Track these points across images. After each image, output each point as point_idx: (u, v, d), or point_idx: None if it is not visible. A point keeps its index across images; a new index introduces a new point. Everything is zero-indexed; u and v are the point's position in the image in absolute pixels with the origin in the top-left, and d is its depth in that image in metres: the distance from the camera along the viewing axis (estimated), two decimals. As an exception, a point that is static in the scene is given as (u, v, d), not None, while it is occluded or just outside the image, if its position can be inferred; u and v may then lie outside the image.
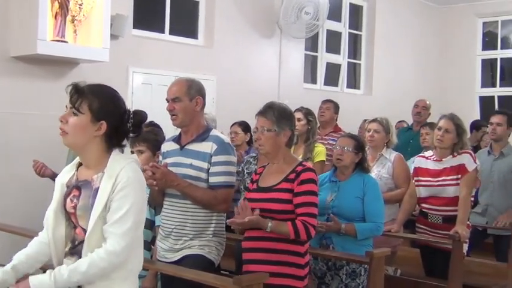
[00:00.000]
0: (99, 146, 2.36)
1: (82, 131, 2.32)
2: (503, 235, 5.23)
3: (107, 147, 2.37)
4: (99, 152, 2.36)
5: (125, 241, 2.25)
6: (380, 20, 9.47)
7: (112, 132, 2.36)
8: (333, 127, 6.32)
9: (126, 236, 2.26)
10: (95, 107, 2.32)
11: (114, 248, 2.23)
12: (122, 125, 2.38)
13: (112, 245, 2.23)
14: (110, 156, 2.35)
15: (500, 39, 10.51)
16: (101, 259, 2.22)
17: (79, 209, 2.33)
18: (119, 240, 2.24)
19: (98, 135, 2.34)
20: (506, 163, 5.45)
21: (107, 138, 2.36)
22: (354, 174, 4.09)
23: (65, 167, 2.52)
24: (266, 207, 3.19)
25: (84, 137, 2.33)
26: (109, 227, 2.26)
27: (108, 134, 2.35)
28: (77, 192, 2.35)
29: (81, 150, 2.38)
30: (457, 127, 4.56)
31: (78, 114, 2.31)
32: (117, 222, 2.25)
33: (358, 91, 9.48)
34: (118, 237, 2.24)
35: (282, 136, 3.29)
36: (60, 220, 2.39)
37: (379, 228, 4.00)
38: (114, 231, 2.24)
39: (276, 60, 7.93)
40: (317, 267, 3.99)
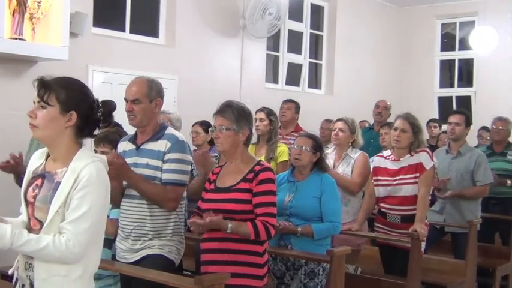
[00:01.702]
0: (69, 139, 2.35)
1: (52, 123, 2.30)
2: (460, 233, 5.33)
3: (77, 139, 2.36)
4: (69, 145, 2.35)
5: (81, 241, 2.23)
6: (341, 21, 9.54)
7: (83, 122, 2.35)
8: (294, 127, 6.35)
9: (83, 236, 2.23)
10: (63, 98, 2.31)
11: (72, 245, 2.21)
12: (92, 114, 2.37)
13: (70, 242, 2.21)
14: (77, 153, 2.33)
15: (458, 41, 10.70)
16: (58, 249, 2.20)
17: (38, 200, 2.31)
18: (75, 239, 2.22)
19: (68, 126, 2.33)
20: (464, 162, 5.55)
21: (78, 130, 2.35)
22: (311, 174, 4.11)
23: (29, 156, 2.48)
24: (224, 207, 3.18)
25: (54, 129, 2.31)
26: (66, 225, 2.23)
27: (78, 124, 2.34)
28: (40, 182, 2.34)
29: (52, 143, 2.36)
30: (412, 126, 4.63)
31: (47, 107, 2.30)
32: (75, 221, 2.22)
33: (320, 91, 9.54)
34: (75, 236, 2.22)
35: (240, 135, 3.28)
36: (24, 207, 2.39)
37: (336, 228, 4.02)
38: (72, 230, 2.22)
39: (237, 60, 7.93)
40: (276, 267, 4.00)
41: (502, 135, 6.35)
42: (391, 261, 4.69)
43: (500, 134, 6.35)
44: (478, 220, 5.28)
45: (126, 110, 3.45)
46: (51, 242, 2.21)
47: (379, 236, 4.77)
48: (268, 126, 5.45)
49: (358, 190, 4.91)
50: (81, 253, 2.25)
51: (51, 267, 2.26)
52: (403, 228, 4.53)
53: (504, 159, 6.27)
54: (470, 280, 5.07)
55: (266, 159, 5.27)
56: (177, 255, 3.47)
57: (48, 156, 2.42)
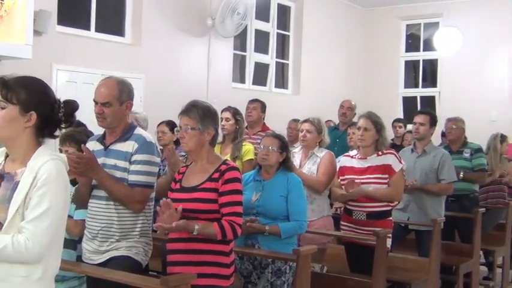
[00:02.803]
0: (29, 139, 2.31)
1: (11, 124, 2.27)
2: (424, 230, 5.40)
3: (37, 139, 2.33)
4: (28, 145, 2.31)
5: (41, 240, 2.20)
6: (307, 21, 9.60)
7: (43, 122, 2.32)
8: (260, 126, 6.37)
9: (43, 236, 2.20)
10: (23, 98, 2.27)
11: (31, 245, 2.18)
12: (53, 115, 2.34)
13: (30, 242, 2.18)
14: (36, 151, 2.30)
15: (422, 42, 10.85)
16: (17, 250, 2.16)
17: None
18: (34, 239, 2.18)
19: (28, 126, 2.29)
20: (428, 161, 5.62)
21: (38, 130, 2.32)
22: (278, 173, 4.13)
23: None
24: (190, 207, 3.17)
25: (14, 130, 2.28)
26: (26, 224, 2.19)
27: (38, 125, 2.31)
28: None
29: (11, 143, 2.32)
30: (375, 124, 4.70)
31: (6, 107, 2.26)
32: (34, 220, 2.19)
33: (286, 91, 9.58)
34: (35, 236, 2.18)
35: (205, 135, 3.27)
36: None
37: (303, 226, 4.06)
38: (31, 229, 2.19)
39: (204, 60, 7.92)
40: (243, 266, 4.01)
41: (455, 134, 6.46)
42: (356, 259, 4.73)
43: (453, 133, 6.47)
44: (441, 218, 5.35)
45: (96, 112, 3.40)
46: (10, 242, 2.17)
47: (344, 235, 4.81)
48: (234, 126, 5.46)
49: (323, 189, 4.94)
50: (41, 253, 2.22)
51: (11, 267, 2.22)
52: (367, 225, 4.59)
53: (461, 157, 6.37)
54: (434, 277, 5.14)
55: (231, 158, 5.28)
56: (145, 257, 3.45)
57: (7, 156, 2.39)
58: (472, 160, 6.35)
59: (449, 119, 6.58)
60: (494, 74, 9.78)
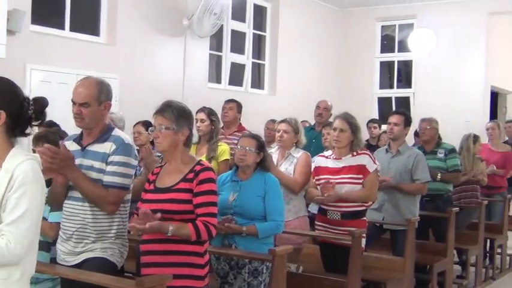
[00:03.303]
0: (1, 140, 2.29)
1: None
2: (398, 230, 5.44)
3: (9, 138, 2.31)
4: (1, 146, 2.29)
5: (23, 242, 2.19)
6: (283, 22, 9.62)
7: (13, 121, 2.30)
8: (236, 127, 6.38)
9: (24, 237, 2.19)
10: None
11: (13, 247, 2.16)
12: (23, 113, 2.32)
13: (11, 244, 2.16)
14: (10, 152, 2.28)
15: (397, 43, 10.94)
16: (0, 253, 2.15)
17: None
18: (16, 241, 2.17)
19: None
20: (402, 161, 5.67)
21: (8, 129, 2.30)
22: (255, 174, 4.15)
23: None
24: (164, 208, 3.15)
25: None
26: (6, 227, 2.17)
27: (8, 123, 2.29)
28: None
29: None
30: (350, 125, 4.73)
31: None
32: (15, 222, 2.17)
33: (263, 91, 9.60)
34: (16, 238, 2.17)
35: (180, 135, 3.26)
36: None
37: (280, 226, 4.09)
38: (13, 231, 2.17)
39: (180, 60, 7.89)
40: (219, 266, 4.01)
41: (429, 134, 6.54)
42: (331, 259, 4.76)
43: (426, 134, 6.54)
44: (416, 218, 5.40)
45: (74, 112, 3.36)
46: None
47: (320, 235, 4.83)
48: (210, 127, 5.46)
49: (299, 189, 4.96)
50: (22, 254, 2.21)
51: None
52: (342, 225, 4.62)
53: (435, 157, 6.44)
54: (409, 276, 5.19)
55: (207, 159, 5.28)
56: (120, 258, 3.43)
57: None
58: (447, 161, 6.43)
59: (423, 119, 6.65)
60: (468, 75, 9.90)
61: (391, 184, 5.51)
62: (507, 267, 8.03)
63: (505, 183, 8.27)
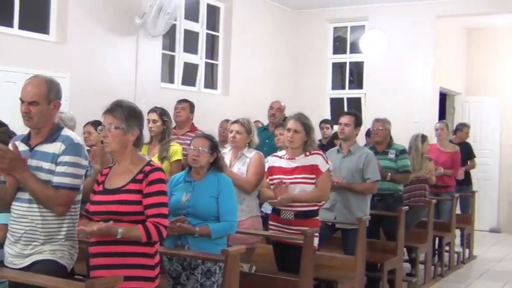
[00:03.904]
0: None
1: None
2: (350, 229, 5.51)
3: None
4: None
5: None
6: (237, 22, 9.63)
7: None
8: (189, 127, 6.36)
9: None
10: None
11: None
12: None
13: None
14: None
15: (349, 44, 11.06)
16: None
17: None
18: None
19: None
20: (354, 161, 5.75)
21: None
22: (208, 174, 4.15)
23: None
24: (113, 209, 3.12)
25: None
26: None
27: None
28: None
29: None
30: (304, 126, 4.77)
31: None
32: None
33: (216, 91, 9.58)
34: None
35: (129, 135, 3.23)
36: None
37: (233, 227, 4.10)
38: None
39: (132, 59, 7.81)
40: (172, 267, 4.00)
41: (381, 135, 6.66)
42: (285, 258, 4.79)
43: (379, 135, 6.66)
44: (367, 217, 5.48)
45: (23, 111, 3.30)
46: None
47: (273, 234, 4.85)
48: (162, 127, 5.43)
49: (252, 189, 4.98)
50: None
51: None
52: (296, 224, 4.65)
53: (386, 157, 6.56)
54: (360, 275, 5.26)
55: (159, 159, 5.25)
56: (70, 260, 3.38)
57: None
58: (397, 161, 6.55)
59: (377, 119, 6.74)
60: (417, 77, 10.08)
61: (343, 185, 5.58)
62: (455, 264, 8.22)
63: (453, 183, 8.48)
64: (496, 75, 11.69)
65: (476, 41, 11.96)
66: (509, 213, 11.62)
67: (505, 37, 11.62)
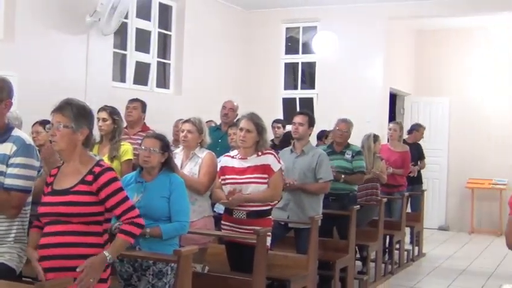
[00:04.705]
0: None
1: None
2: (303, 228, 5.55)
3: None
4: None
5: None
6: (189, 21, 9.57)
7: None
8: (141, 126, 6.31)
9: None
10: None
11: None
12: None
13: None
14: None
15: (301, 45, 11.13)
16: None
17: None
18: None
19: None
20: (307, 160, 5.80)
21: None
22: (160, 174, 4.12)
23: None
24: (62, 211, 3.07)
25: None
26: None
27: None
28: None
29: None
30: (257, 126, 4.78)
31: None
32: None
33: (168, 90, 9.51)
34: None
35: (78, 134, 3.18)
36: None
37: (185, 227, 4.09)
38: None
39: (83, 58, 7.67)
40: (123, 269, 3.96)
41: (345, 137, 6.73)
42: (237, 258, 4.79)
43: (343, 137, 6.72)
44: (319, 216, 5.53)
45: None
46: None
47: (225, 234, 4.85)
48: (112, 126, 5.37)
49: (205, 190, 4.96)
50: None
51: None
52: (248, 224, 4.66)
53: (343, 158, 6.65)
54: (312, 273, 5.31)
55: (109, 158, 5.19)
56: (19, 263, 3.31)
57: None
58: (353, 162, 6.63)
59: (343, 120, 6.78)
60: (368, 77, 10.20)
61: (296, 186, 5.62)
62: (405, 262, 8.37)
63: (405, 182, 8.64)
64: (444, 76, 11.97)
65: (426, 43, 12.21)
66: (457, 211, 11.91)
67: (453, 39, 11.91)
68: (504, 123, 11.41)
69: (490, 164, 11.44)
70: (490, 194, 11.51)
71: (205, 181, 4.93)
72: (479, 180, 11.49)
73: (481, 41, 11.73)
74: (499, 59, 11.60)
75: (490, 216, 11.59)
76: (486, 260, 8.94)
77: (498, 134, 11.43)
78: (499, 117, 11.48)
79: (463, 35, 11.78)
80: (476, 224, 11.62)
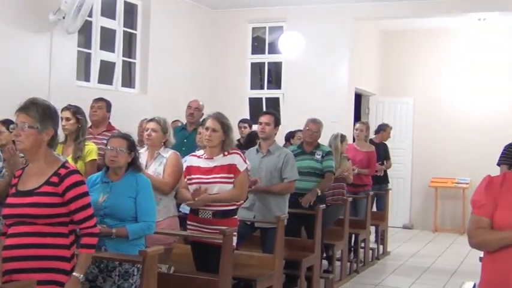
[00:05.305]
0: None
1: None
2: (269, 228, 5.56)
3: None
4: None
5: None
6: (155, 20, 9.51)
7: None
8: (106, 126, 6.24)
9: None
10: None
11: None
12: None
13: None
14: None
15: (267, 45, 11.15)
16: None
17: None
18: None
19: None
20: (273, 160, 5.81)
21: None
22: (126, 175, 4.10)
23: None
24: (26, 212, 3.02)
25: None
26: None
27: None
28: None
29: None
30: (222, 125, 4.78)
31: None
32: None
33: (133, 90, 9.43)
34: None
35: (44, 135, 3.13)
36: None
37: (151, 227, 4.06)
38: None
39: (46, 57, 7.55)
40: (88, 270, 3.90)
41: (314, 137, 6.75)
42: (203, 258, 4.78)
43: (312, 137, 6.73)
44: (285, 216, 5.54)
45: None
46: None
47: (191, 234, 4.83)
48: (76, 125, 5.30)
49: (170, 190, 4.94)
50: None
51: None
52: (214, 224, 4.65)
53: (313, 158, 6.66)
54: (278, 273, 5.32)
55: (73, 159, 5.12)
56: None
57: None
58: (323, 162, 6.64)
59: (312, 120, 6.77)
60: (334, 77, 10.26)
61: (262, 188, 5.63)
62: (370, 260, 8.45)
63: (370, 181, 8.72)
64: (409, 76, 12.13)
65: (391, 43, 12.35)
66: (421, 210, 12.08)
67: (417, 40, 12.07)
68: (467, 123, 11.61)
69: (453, 163, 11.63)
70: (453, 193, 11.70)
71: (170, 181, 4.90)
72: (443, 180, 11.67)
73: (444, 42, 11.92)
74: (462, 59, 11.80)
75: (453, 214, 11.79)
76: (449, 257, 9.08)
77: (461, 134, 11.62)
78: (461, 117, 11.68)
79: (427, 36, 11.95)
80: (439, 223, 11.80)
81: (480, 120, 11.49)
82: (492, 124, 11.17)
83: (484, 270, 2.98)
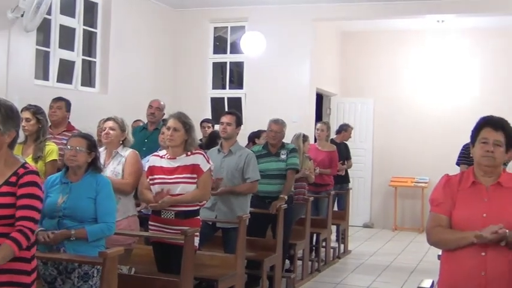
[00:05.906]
0: None
1: None
2: (231, 228, 5.56)
3: None
4: None
5: None
6: (115, 19, 9.40)
7: None
8: (65, 126, 6.16)
9: None
10: None
11: None
12: None
13: None
14: None
15: (229, 44, 11.14)
16: None
17: None
18: None
19: None
20: (234, 160, 5.81)
21: None
22: (86, 175, 4.04)
23: None
24: None
25: None
26: None
27: None
28: None
29: None
30: (184, 125, 4.76)
31: None
32: None
33: (94, 89, 9.31)
34: None
35: (6, 136, 3.04)
36: None
37: (111, 228, 4.02)
38: None
39: (3, 55, 7.41)
40: (47, 272, 3.86)
41: (278, 138, 6.73)
42: (165, 259, 4.75)
43: (276, 138, 6.71)
44: (246, 215, 5.55)
45: None
46: None
47: (152, 235, 4.80)
48: (36, 125, 5.22)
49: (131, 190, 4.90)
50: None
51: None
52: (176, 224, 4.63)
53: (279, 159, 6.64)
54: (240, 272, 5.33)
55: (33, 159, 5.04)
56: None
57: None
58: (287, 159, 6.63)
59: (275, 121, 6.74)
60: (295, 77, 10.31)
61: (225, 190, 5.62)
62: (331, 259, 8.52)
63: (331, 181, 8.78)
64: (369, 77, 12.27)
65: (351, 44, 12.48)
66: (381, 209, 12.23)
67: (377, 40, 12.22)
68: (426, 124, 11.80)
69: (413, 163, 11.80)
70: (413, 192, 11.88)
71: (131, 181, 4.87)
72: (402, 179, 11.84)
73: (404, 43, 12.09)
74: (421, 60, 11.99)
75: (412, 213, 11.97)
76: (409, 256, 9.22)
77: (420, 134, 11.81)
78: (421, 117, 11.86)
79: (387, 37, 12.11)
80: (399, 222, 11.97)
81: (439, 121, 11.69)
82: (451, 124, 11.37)
83: (443, 268, 3.03)
